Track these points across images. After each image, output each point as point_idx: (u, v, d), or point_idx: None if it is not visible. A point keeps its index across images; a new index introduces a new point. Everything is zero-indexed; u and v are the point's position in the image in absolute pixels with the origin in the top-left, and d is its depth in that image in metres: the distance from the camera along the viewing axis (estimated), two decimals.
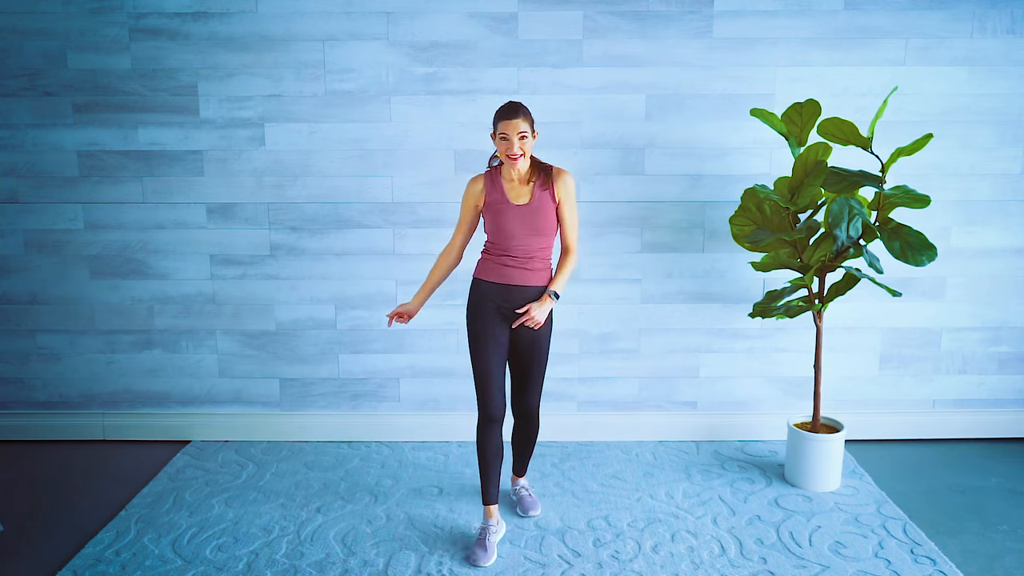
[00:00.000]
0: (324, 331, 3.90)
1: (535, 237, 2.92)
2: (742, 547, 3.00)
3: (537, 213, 2.90)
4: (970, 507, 3.32)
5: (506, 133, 2.80)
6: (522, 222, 2.90)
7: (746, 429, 3.96)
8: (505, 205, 2.91)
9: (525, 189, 2.92)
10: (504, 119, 2.80)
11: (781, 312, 3.37)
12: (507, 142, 2.81)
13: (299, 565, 2.89)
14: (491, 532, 2.99)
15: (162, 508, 3.31)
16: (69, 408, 4.01)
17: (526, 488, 3.33)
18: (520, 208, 2.91)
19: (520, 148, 2.81)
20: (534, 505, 3.26)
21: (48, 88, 3.69)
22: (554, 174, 2.94)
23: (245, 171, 3.75)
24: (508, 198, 2.92)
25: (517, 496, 3.32)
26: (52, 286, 3.88)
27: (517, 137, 2.80)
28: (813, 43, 3.62)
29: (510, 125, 2.79)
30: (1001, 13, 3.59)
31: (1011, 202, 3.76)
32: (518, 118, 2.80)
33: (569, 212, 2.97)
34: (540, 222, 2.91)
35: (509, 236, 2.91)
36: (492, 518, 3.02)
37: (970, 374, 3.92)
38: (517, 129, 2.79)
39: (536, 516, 3.24)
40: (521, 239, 2.91)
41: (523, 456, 3.29)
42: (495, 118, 2.84)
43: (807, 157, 3.23)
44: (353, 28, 3.62)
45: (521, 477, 3.37)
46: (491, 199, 2.93)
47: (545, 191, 2.92)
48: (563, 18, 3.60)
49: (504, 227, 2.91)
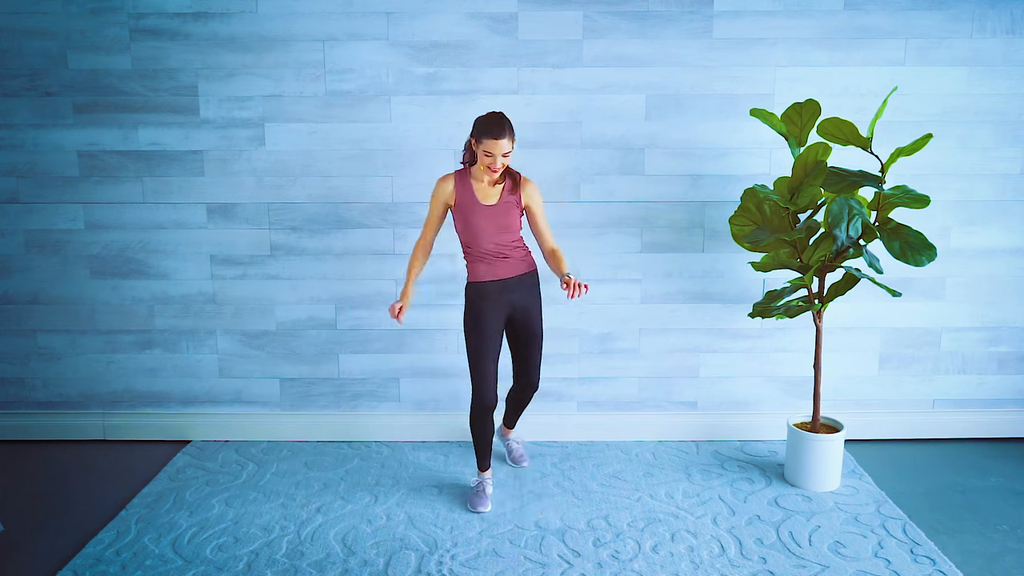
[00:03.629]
0: (324, 331, 3.90)
1: (503, 234, 3.14)
2: (742, 547, 3.00)
3: (504, 213, 3.12)
4: (970, 507, 3.32)
5: (491, 152, 2.96)
6: (490, 221, 3.11)
7: (746, 429, 3.96)
8: (475, 205, 3.11)
9: (493, 191, 3.14)
10: (491, 138, 2.94)
11: (781, 312, 3.37)
12: (491, 158, 2.98)
13: (299, 565, 2.90)
14: (487, 484, 3.33)
15: (162, 508, 3.31)
16: (69, 408, 4.01)
17: (517, 441, 3.70)
18: (489, 208, 3.11)
19: (502, 165, 2.99)
20: (524, 457, 3.64)
21: (48, 88, 3.69)
22: (521, 182, 3.15)
23: (245, 171, 3.76)
24: (477, 198, 3.12)
25: (508, 448, 3.68)
26: (52, 286, 3.88)
27: (501, 155, 2.96)
28: (813, 43, 3.62)
29: (496, 145, 2.95)
30: (1001, 13, 3.59)
31: (1011, 202, 3.77)
32: (504, 138, 2.95)
33: (541, 217, 3.22)
34: (506, 221, 3.13)
35: (480, 234, 3.12)
36: (487, 473, 3.36)
37: (970, 374, 3.93)
38: (503, 150, 2.96)
39: (526, 467, 3.62)
40: (491, 236, 3.12)
41: (517, 412, 3.59)
42: (480, 131, 2.97)
43: (807, 157, 3.23)
44: (353, 28, 3.63)
45: (511, 430, 3.71)
46: (461, 199, 3.13)
47: (512, 195, 3.14)
48: (563, 18, 3.60)
49: (475, 225, 3.11)
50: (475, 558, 2.94)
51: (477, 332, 3.16)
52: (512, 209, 3.13)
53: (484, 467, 3.35)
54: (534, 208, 3.18)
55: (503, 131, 2.94)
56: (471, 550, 2.99)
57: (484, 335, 3.15)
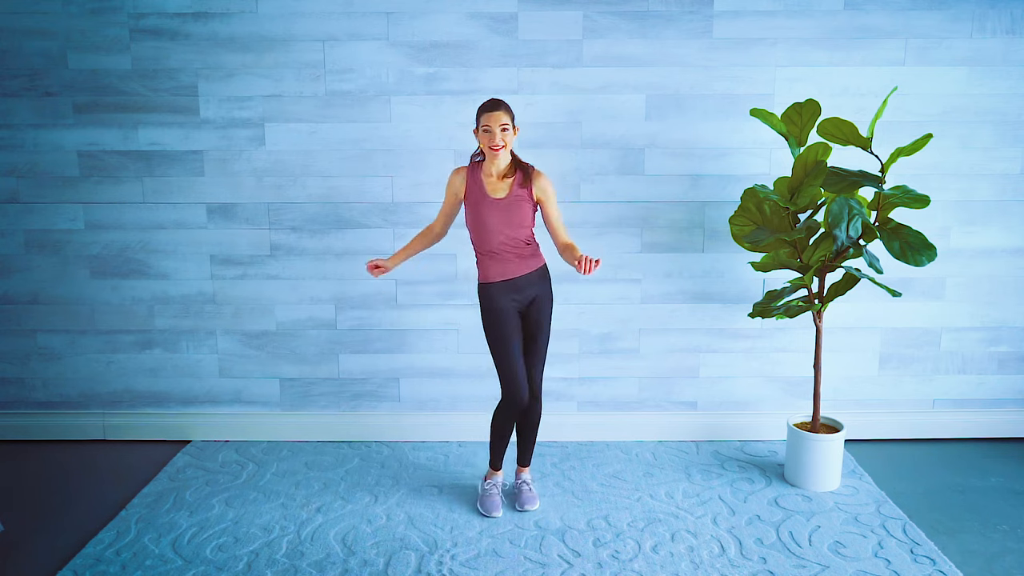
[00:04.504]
0: (324, 331, 3.90)
1: (513, 229, 3.06)
2: (742, 547, 3.00)
3: (513, 207, 3.05)
4: (970, 507, 3.32)
5: (488, 125, 2.95)
6: (499, 216, 3.04)
7: (746, 429, 3.96)
8: (483, 199, 3.05)
9: (503, 184, 3.07)
10: (487, 111, 2.96)
11: (781, 312, 3.37)
12: (489, 134, 2.97)
13: (299, 565, 2.90)
14: (498, 487, 3.29)
15: (162, 508, 3.31)
16: (69, 408, 4.01)
17: (528, 483, 3.35)
18: (498, 202, 3.05)
19: (502, 139, 2.96)
20: (532, 500, 3.28)
21: (48, 88, 3.69)
22: (532, 174, 3.08)
23: (245, 171, 3.76)
24: (486, 191, 3.06)
25: (518, 490, 3.33)
26: (52, 286, 3.88)
27: (499, 128, 2.95)
28: (813, 43, 3.62)
29: (492, 117, 2.94)
30: (1001, 13, 3.59)
31: (1011, 202, 3.77)
32: (500, 110, 2.96)
33: (553, 210, 3.12)
34: (516, 216, 3.05)
35: (489, 229, 3.05)
36: (499, 475, 3.32)
37: (970, 374, 3.93)
38: (499, 121, 2.94)
39: (533, 511, 3.26)
40: (500, 231, 3.05)
41: (528, 441, 3.33)
42: (477, 112, 3.00)
43: (807, 157, 3.23)
44: (353, 28, 3.63)
45: (525, 469, 3.40)
46: (471, 192, 3.09)
47: (523, 189, 3.06)
48: (563, 18, 3.60)
49: (483, 220, 3.05)
50: (475, 558, 2.94)
51: (497, 332, 3.09)
52: (522, 203, 3.05)
53: (499, 466, 3.30)
54: (547, 202, 3.09)
55: (498, 104, 2.96)
56: (471, 550, 2.99)
57: (505, 333, 3.08)
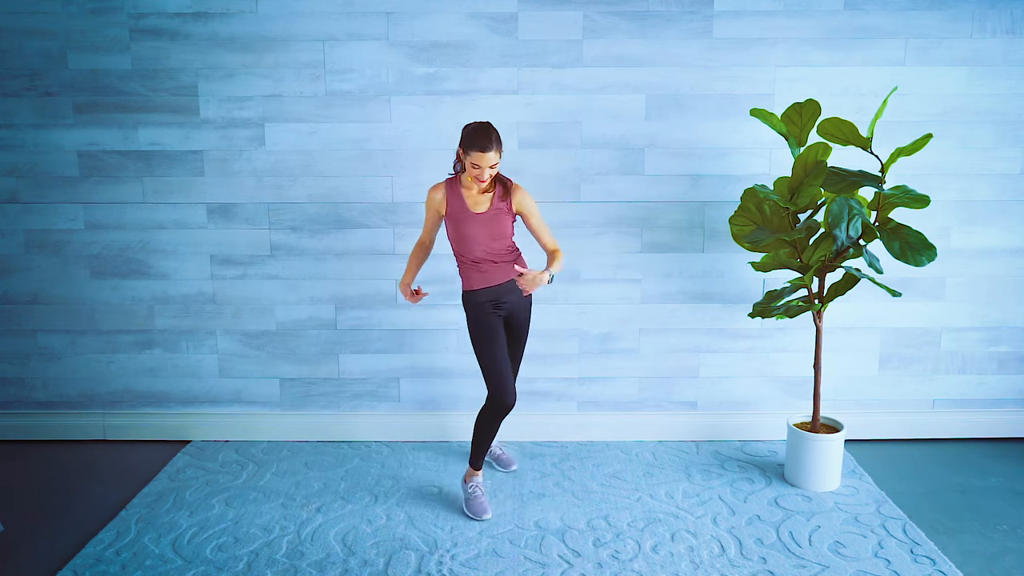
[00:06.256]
0: (324, 331, 3.90)
1: (495, 241, 3.14)
2: (742, 547, 3.00)
3: (494, 221, 3.12)
4: (970, 507, 3.32)
5: (478, 164, 2.97)
6: (481, 229, 3.11)
7: (746, 429, 3.96)
8: (465, 213, 3.12)
9: (484, 199, 3.14)
10: (479, 151, 2.95)
11: (781, 312, 3.37)
12: (478, 170, 2.99)
13: (299, 565, 2.90)
14: (482, 488, 3.32)
15: (162, 508, 3.31)
16: (69, 408, 4.01)
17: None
18: (479, 216, 3.12)
19: (489, 176, 3.01)
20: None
21: (48, 88, 3.69)
22: (512, 189, 3.15)
23: (245, 171, 3.76)
24: (467, 206, 3.12)
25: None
26: (52, 286, 3.88)
27: (488, 167, 2.98)
28: (812, 43, 3.62)
29: (484, 159, 2.96)
30: (1001, 13, 3.59)
31: (1011, 202, 3.77)
32: (491, 151, 2.96)
33: (537, 221, 3.20)
34: (497, 229, 3.13)
35: (471, 241, 3.13)
36: (480, 475, 3.36)
37: (970, 374, 3.93)
38: (489, 162, 2.97)
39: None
40: (482, 243, 3.12)
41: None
42: (468, 143, 2.97)
43: (807, 157, 3.23)
44: (353, 28, 3.63)
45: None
46: (452, 208, 3.14)
47: (503, 202, 3.14)
48: (563, 18, 3.60)
49: (466, 234, 3.12)
50: (475, 558, 2.94)
51: (483, 337, 3.17)
52: (503, 216, 3.13)
53: (479, 465, 3.33)
54: (527, 213, 3.17)
55: (490, 143, 2.93)
56: (471, 550, 2.99)
57: (491, 338, 3.17)
